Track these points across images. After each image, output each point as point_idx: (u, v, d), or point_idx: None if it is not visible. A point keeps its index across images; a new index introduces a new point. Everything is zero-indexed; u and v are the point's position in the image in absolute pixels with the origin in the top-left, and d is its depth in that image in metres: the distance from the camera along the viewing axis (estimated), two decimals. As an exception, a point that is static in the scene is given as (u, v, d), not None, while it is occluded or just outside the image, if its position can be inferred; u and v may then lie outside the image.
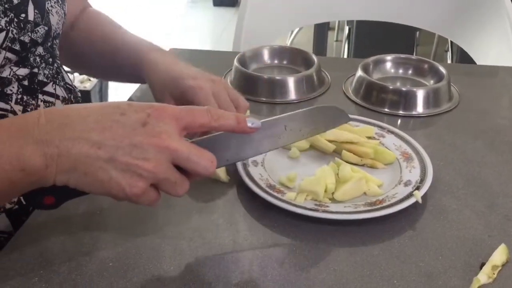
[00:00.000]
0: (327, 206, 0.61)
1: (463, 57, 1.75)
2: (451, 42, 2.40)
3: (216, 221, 0.61)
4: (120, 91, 2.56)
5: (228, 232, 0.60)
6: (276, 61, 0.99)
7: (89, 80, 2.34)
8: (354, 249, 0.57)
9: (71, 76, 1.09)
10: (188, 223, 0.61)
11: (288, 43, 2.76)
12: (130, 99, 0.91)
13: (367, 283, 0.53)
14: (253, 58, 0.98)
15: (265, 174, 0.67)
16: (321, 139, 0.71)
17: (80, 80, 2.33)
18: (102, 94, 2.40)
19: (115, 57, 0.78)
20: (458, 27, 1.31)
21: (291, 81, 0.89)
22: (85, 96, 2.24)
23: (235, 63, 0.93)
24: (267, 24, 1.33)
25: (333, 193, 0.63)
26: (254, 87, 0.89)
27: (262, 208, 0.62)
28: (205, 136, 0.53)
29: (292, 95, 0.89)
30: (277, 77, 0.91)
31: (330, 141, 0.71)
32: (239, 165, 0.66)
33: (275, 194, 0.62)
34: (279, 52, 1.00)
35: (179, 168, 0.49)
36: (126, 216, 0.62)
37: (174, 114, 0.49)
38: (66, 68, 0.77)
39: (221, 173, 0.67)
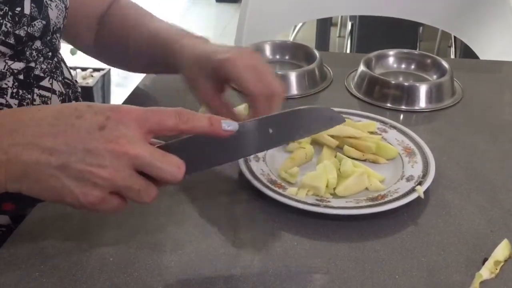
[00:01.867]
0: (329, 201, 0.61)
1: (467, 53, 1.75)
2: (455, 37, 2.39)
3: (217, 216, 0.61)
4: (121, 88, 2.55)
5: (229, 227, 0.59)
6: (278, 56, 0.99)
7: (92, 76, 2.34)
8: (355, 244, 0.57)
9: (73, 72, 1.09)
10: (189, 218, 0.61)
11: (290, 39, 2.75)
12: (137, 87, 0.91)
13: (368, 278, 0.53)
14: (255, 53, 0.97)
15: (266, 169, 0.66)
16: (323, 134, 0.71)
17: (82, 76, 2.33)
18: (105, 90, 2.40)
19: (148, 46, 0.74)
20: (462, 22, 1.31)
21: (293, 76, 0.89)
22: (88, 93, 2.24)
23: (237, 58, 0.92)
24: (269, 20, 1.33)
25: (334, 188, 0.63)
26: (256, 82, 0.89)
27: (263, 203, 0.62)
28: (175, 140, 0.49)
29: (294, 90, 0.88)
30: (279, 72, 0.91)
31: (332, 136, 0.71)
32: (240, 160, 0.66)
33: (277, 189, 0.62)
34: (281, 47, 0.99)
35: (147, 175, 0.46)
36: (126, 211, 0.61)
37: (137, 116, 0.45)
38: (68, 63, 0.77)
39: None
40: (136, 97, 0.88)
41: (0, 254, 0.55)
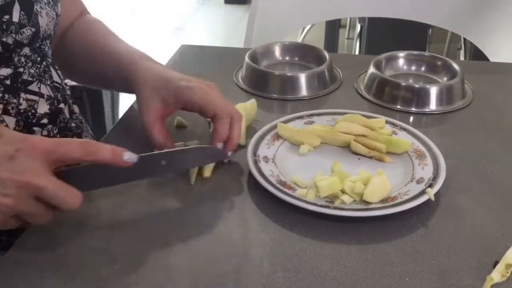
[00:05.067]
0: (339, 203, 0.61)
1: (476, 55, 1.73)
2: (464, 39, 2.38)
3: (226, 217, 0.61)
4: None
5: (238, 228, 0.59)
6: (287, 58, 0.99)
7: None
8: (365, 246, 0.57)
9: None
10: (199, 219, 0.61)
11: (299, 40, 2.75)
12: None
13: (378, 280, 0.52)
14: (264, 55, 0.97)
15: (276, 170, 0.66)
16: (337, 132, 0.71)
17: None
18: (113, 93, 2.40)
19: (105, 64, 0.76)
20: (471, 24, 1.30)
21: (302, 78, 0.88)
22: (97, 95, 2.24)
23: (246, 59, 0.92)
24: (278, 21, 1.33)
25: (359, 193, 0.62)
26: (265, 83, 0.89)
27: (273, 205, 0.62)
28: (77, 166, 0.57)
29: (304, 91, 0.88)
30: (289, 74, 0.91)
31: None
32: (250, 161, 0.66)
33: (286, 190, 0.62)
34: (291, 49, 0.99)
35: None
36: (136, 212, 0.62)
37: (45, 148, 0.50)
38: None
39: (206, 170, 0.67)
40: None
41: (11, 252, 0.56)
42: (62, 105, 0.71)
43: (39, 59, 0.68)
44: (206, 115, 0.67)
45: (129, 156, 0.55)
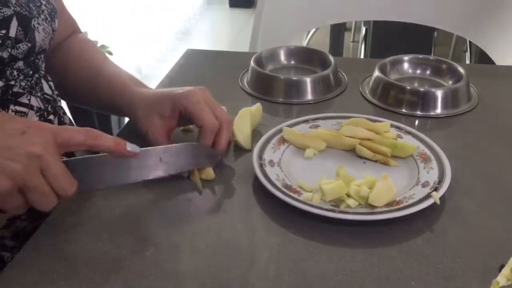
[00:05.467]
0: (344, 207, 0.61)
1: (482, 58, 1.73)
2: (470, 42, 2.37)
3: (232, 221, 0.61)
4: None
5: (244, 232, 0.60)
6: (292, 62, 0.99)
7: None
8: (371, 250, 0.57)
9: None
10: (205, 223, 0.61)
11: (304, 44, 2.76)
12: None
13: (384, 284, 0.53)
14: (269, 59, 0.98)
15: (281, 174, 0.67)
16: (342, 136, 0.71)
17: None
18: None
19: (96, 85, 0.77)
20: (477, 27, 1.30)
21: (307, 82, 0.89)
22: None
23: (252, 63, 0.93)
24: (283, 25, 1.33)
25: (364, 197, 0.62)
26: (271, 87, 0.89)
27: (278, 208, 0.62)
28: (76, 157, 0.58)
29: (309, 95, 0.89)
30: (294, 78, 0.91)
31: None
32: (256, 165, 0.67)
33: (292, 194, 0.62)
34: (296, 53, 0.99)
35: None
36: (143, 215, 0.63)
37: (52, 129, 0.53)
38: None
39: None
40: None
41: (18, 257, 0.56)
42: (51, 117, 0.71)
43: (31, 72, 0.68)
44: (196, 124, 0.69)
45: (132, 146, 0.57)
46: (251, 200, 0.65)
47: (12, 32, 0.62)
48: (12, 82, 0.65)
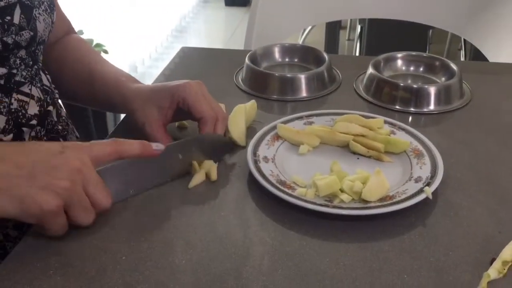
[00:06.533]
0: (338, 202, 0.62)
1: (477, 56, 1.74)
2: (464, 40, 2.38)
3: (227, 216, 0.62)
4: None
5: (239, 227, 0.60)
6: (287, 59, 1.00)
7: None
8: (364, 244, 0.58)
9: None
10: (200, 219, 0.61)
11: (300, 42, 2.76)
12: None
13: (377, 278, 0.53)
14: (264, 56, 0.98)
15: (275, 170, 0.67)
16: (336, 132, 0.72)
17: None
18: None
19: (91, 82, 0.78)
20: (471, 25, 1.31)
21: (302, 79, 0.89)
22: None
23: (247, 61, 0.93)
24: (278, 23, 1.34)
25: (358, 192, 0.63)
26: (265, 84, 0.90)
27: (272, 204, 0.63)
28: (106, 166, 0.60)
29: (303, 92, 0.89)
30: (288, 75, 0.92)
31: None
32: (250, 161, 0.67)
33: (286, 189, 0.63)
34: (290, 50, 1.00)
35: None
36: (139, 211, 0.63)
37: (84, 145, 0.56)
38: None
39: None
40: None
41: (15, 252, 0.57)
42: (50, 108, 0.72)
43: (31, 62, 0.70)
44: (194, 116, 0.70)
45: (157, 145, 0.60)
46: (246, 195, 0.65)
47: (16, 19, 0.64)
48: (15, 71, 0.66)
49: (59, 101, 0.78)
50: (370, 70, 0.91)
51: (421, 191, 0.62)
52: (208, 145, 0.69)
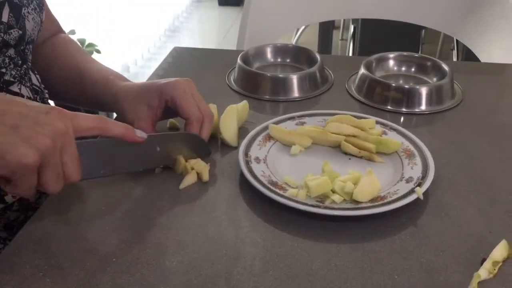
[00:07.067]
0: (329, 203, 0.62)
1: (469, 56, 1.75)
2: (457, 40, 2.39)
3: (218, 217, 0.62)
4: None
5: (230, 228, 0.60)
6: (279, 59, 1.00)
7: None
8: (355, 245, 0.58)
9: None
10: (191, 220, 0.61)
11: (293, 42, 2.76)
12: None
13: (368, 278, 0.53)
14: (256, 56, 0.98)
15: (267, 171, 0.67)
16: (327, 133, 0.72)
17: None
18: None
19: (80, 81, 0.78)
20: (464, 26, 1.31)
21: (294, 79, 0.89)
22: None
23: (239, 61, 0.93)
24: (271, 23, 1.34)
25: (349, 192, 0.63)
26: (257, 85, 0.90)
27: (264, 205, 0.63)
28: (84, 140, 0.58)
29: (295, 93, 0.89)
30: (280, 75, 0.92)
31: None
32: (242, 162, 0.67)
33: (277, 190, 0.63)
34: (282, 50, 1.00)
35: None
36: (128, 213, 0.63)
37: (69, 113, 0.54)
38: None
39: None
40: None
41: (4, 254, 0.56)
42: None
43: (20, 62, 0.69)
44: (181, 115, 0.70)
45: (140, 132, 0.60)
46: (237, 196, 0.65)
47: (5, 17, 0.64)
48: (4, 70, 0.66)
49: (49, 101, 0.78)
50: (362, 70, 0.91)
51: (412, 191, 0.62)
52: (188, 143, 0.69)
